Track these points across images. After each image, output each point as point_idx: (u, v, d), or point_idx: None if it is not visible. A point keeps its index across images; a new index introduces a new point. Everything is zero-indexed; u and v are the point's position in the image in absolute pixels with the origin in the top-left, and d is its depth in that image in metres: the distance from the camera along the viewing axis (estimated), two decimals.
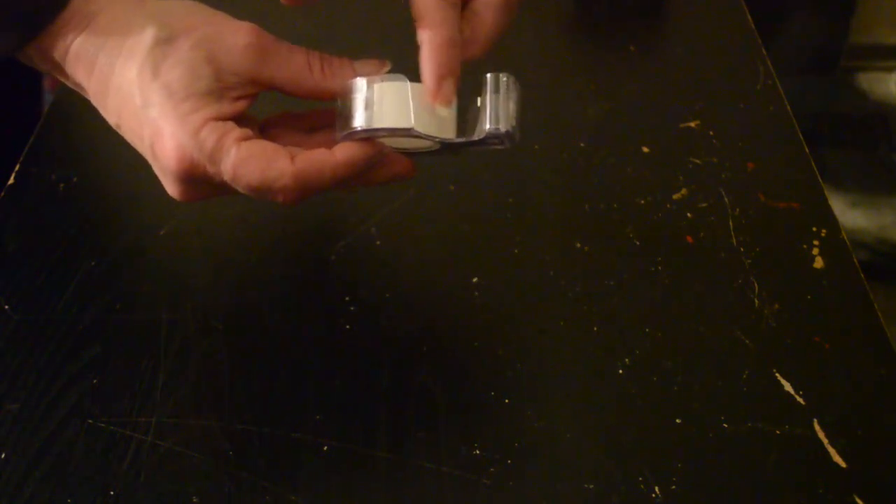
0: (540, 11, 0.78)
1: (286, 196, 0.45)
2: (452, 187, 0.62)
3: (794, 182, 0.63)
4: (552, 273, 0.57)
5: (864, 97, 1.87)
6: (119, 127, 0.47)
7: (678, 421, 0.49)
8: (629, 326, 0.54)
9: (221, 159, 0.44)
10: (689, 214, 0.60)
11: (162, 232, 0.59)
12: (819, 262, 0.57)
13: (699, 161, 0.64)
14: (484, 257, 0.58)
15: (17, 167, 0.63)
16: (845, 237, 0.59)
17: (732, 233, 0.59)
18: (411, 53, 0.47)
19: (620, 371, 0.52)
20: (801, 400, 0.50)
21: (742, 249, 0.58)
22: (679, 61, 0.75)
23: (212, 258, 0.58)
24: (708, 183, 0.62)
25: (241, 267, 0.57)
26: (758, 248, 0.58)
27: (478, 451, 0.48)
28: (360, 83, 0.45)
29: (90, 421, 0.49)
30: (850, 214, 1.62)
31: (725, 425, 0.49)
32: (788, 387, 0.51)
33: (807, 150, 0.65)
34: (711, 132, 0.66)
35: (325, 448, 0.48)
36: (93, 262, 0.57)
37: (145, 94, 0.44)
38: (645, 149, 0.65)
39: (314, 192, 0.45)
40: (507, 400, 0.50)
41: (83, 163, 0.64)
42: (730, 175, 0.63)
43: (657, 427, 0.49)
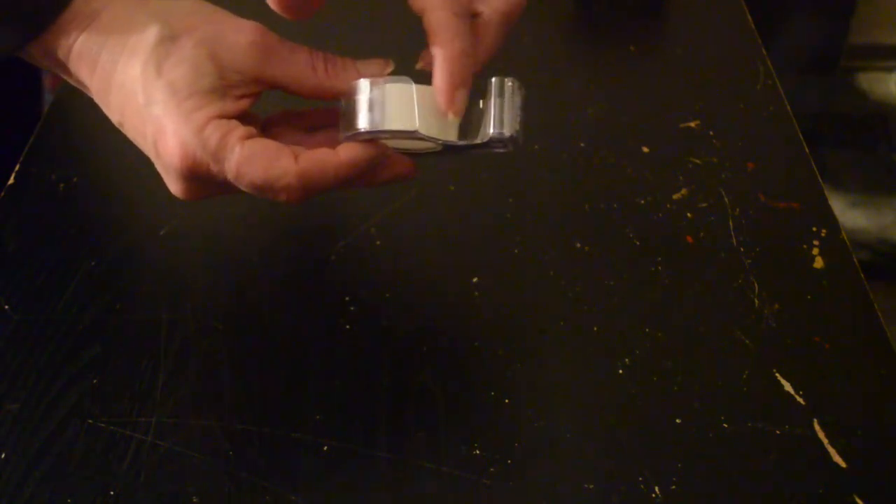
0: (540, 11, 0.78)
1: (289, 195, 0.45)
2: (452, 187, 0.62)
3: (794, 182, 0.63)
4: (552, 273, 0.57)
5: (864, 97, 1.87)
6: (122, 125, 0.47)
7: (678, 421, 0.49)
8: (629, 326, 0.54)
9: (225, 157, 0.44)
10: (689, 214, 0.60)
11: (162, 232, 0.59)
12: (819, 262, 0.57)
13: (699, 161, 0.64)
14: (484, 257, 0.58)
15: (17, 167, 0.63)
16: (845, 237, 0.59)
17: (732, 233, 0.59)
18: (415, 54, 0.47)
19: (620, 371, 0.52)
20: (801, 400, 0.50)
21: (742, 249, 0.58)
22: (679, 61, 0.75)
23: (212, 258, 0.58)
24: (708, 183, 0.62)
25: (241, 267, 0.57)
26: (758, 248, 0.58)
27: (478, 451, 0.48)
28: (365, 84, 0.45)
29: (90, 421, 0.49)
30: (850, 214, 1.62)
31: (725, 425, 0.49)
32: (788, 387, 0.51)
33: (807, 150, 0.65)
34: (711, 132, 0.66)
35: (325, 448, 0.48)
36: (93, 262, 0.57)
37: (148, 92, 0.44)
38: (645, 149, 0.65)
39: (317, 192, 0.45)
40: (507, 400, 0.50)
41: (83, 163, 0.64)
42: (730, 175, 0.63)
43: (657, 427, 0.49)
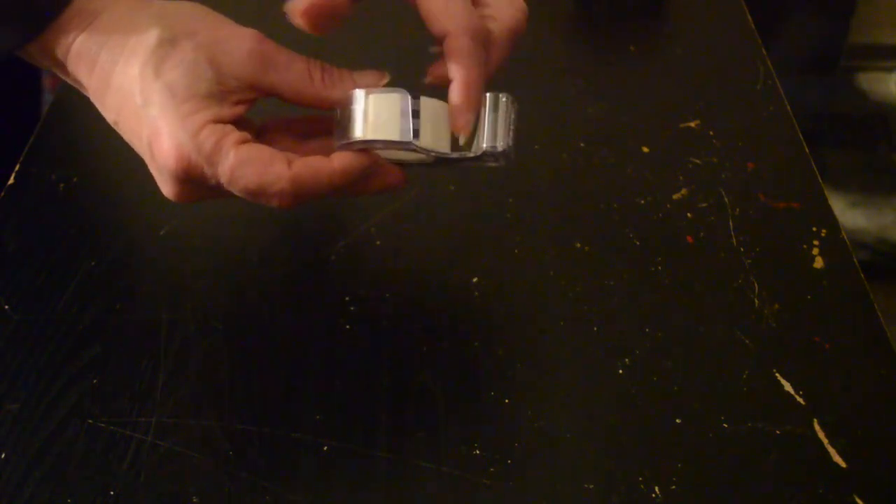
0: (540, 11, 0.78)
1: (282, 200, 0.45)
2: (452, 187, 0.62)
3: (794, 182, 0.63)
4: (552, 273, 0.57)
5: (864, 97, 1.87)
6: (117, 124, 0.47)
7: (678, 421, 0.49)
8: (629, 326, 0.54)
9: (219, 161, 0.44)
10: (689, 214, 0.60)
11: (162, 232, 0.59)
12: (819, 262, 0.57)
13: (699, 161, 0.64)
14: (484, 257, 0.58)
15: (17, 167, 0.63)
16: (845, 237, 0.59)
17: (732, 233, 0.59)
18: (411, 66, 0.47)
19: (620, 371, 0.52)
20: (801, 400, 0.50)
21: (742, 249, 0.58)
22: (679, 61, 0.75)
23: (212, 258, 0.58)
24: (708, 183, 0.62)
25: (241, 267, 0.57)
26: (758, 248, 0.58)
27: (478, 451, 0.48)
28: (360, 94, 0.46)
29: (90, 421, 0.49)
30: (850, 214, 1.62)
31: (725, 425, 0.49)
32: (788, 387, 0.51)
33: (807, 150, 0.65)
34: (711, 132, 0.66)
35: (325, 448, 0.48)
36: (93, 262, 0.57)
37: (146, 94, 0.44)
38: (645, 149, 0.65)
39: (309, 198, 0.45)
40: (507, 400, 0.50)
41: (83, 163, 0.64)
42: (730, 175, 0.63)
43: (657, 427, 0.49)
